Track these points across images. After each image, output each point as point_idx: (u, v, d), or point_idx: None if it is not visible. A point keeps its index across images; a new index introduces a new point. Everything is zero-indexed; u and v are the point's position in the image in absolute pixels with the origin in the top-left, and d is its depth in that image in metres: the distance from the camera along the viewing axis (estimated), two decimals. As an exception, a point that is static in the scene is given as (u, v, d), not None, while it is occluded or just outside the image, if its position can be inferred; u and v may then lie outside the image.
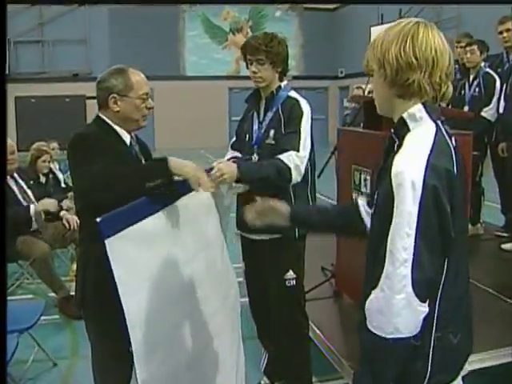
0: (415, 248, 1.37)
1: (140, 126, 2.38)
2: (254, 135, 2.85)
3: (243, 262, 3.13)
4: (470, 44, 5.23)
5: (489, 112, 5.05)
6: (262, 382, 3.23)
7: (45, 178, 5.80)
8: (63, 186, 6.49)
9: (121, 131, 2.36)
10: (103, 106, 2.34)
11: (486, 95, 5.10)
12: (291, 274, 2.86)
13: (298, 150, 2.64)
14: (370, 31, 15.98)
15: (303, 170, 2.67)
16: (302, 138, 2.68)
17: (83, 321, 2.43)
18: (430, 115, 1.50)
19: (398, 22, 1.52)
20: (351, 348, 2.90)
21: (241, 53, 2.81)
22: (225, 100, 20.03)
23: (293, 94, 2.83)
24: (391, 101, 1.53)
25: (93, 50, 18.29)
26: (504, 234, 5.01)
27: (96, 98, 2.37)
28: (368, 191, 3.17)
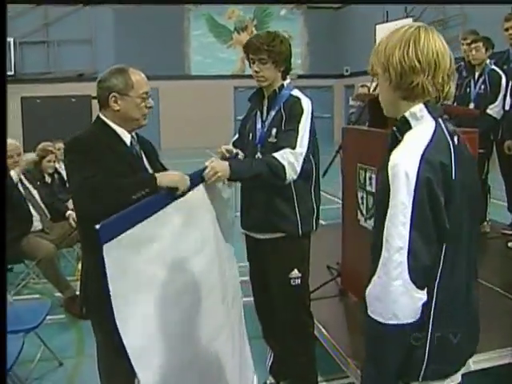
0: (410, 236, 1.43)
1: (140, 125, 2.40)
2: (258, 134, 2.84)
3: (248, 262, 3.12)
4: (475, 41, 5.20)
5: (494, 109, 5.03)
6: (268, 382, 3.22)
7: (50, 178, 5.81)
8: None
9: (121, 131, 2.37)
10: (104, 105, 2.37)
11: (492, 92, 5.08)
12: (296, 272, 2.84)
13: (294, 147, 2.61)
14: (376, 29, 16.01)
15: (299, 168, 2.62)
16: (299, 135, 2.66)
17: (89, 320, 2.43)
18: (431, 114, 1.55)
19: (399, 27, 1.58)
20: (357, 347, 2.89)
21: (243, 52, 2.80)
22: (230, 99, 20.02)
23: (295, 92, 2.81)
24: (396, 103, 1.59)
25: (98, 49, 18.32)
26: (510, 232, 4.99)
27: (97, 97, 2.40)
28: (373, 190, 3.16)
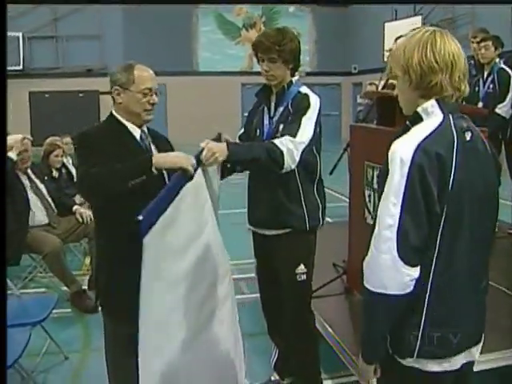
0: (400, 216, 1.55)
1: (144, 120, 2.47)
2: (265, 130, 2.81)
3: (255, 258, 3.12)
4: (484, 39, 5.18)
5: (503, 109, 5.01)
6: (272, 378, 3.22)
7: (58, 173, 5.84)
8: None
9: (131, 126, 2.46)
10: (112, 99, 2.48)
11: (501, 92, 5.06)
12: (302, 267, 2.84)
13: (294, 135, 2.57)
14: (384, 27, 15.95)
15: (297, 157, 2.56)
16: (301, 126, 2.61)
17: (95, 314, 2.45)
18: (442, 109, 1.65)
19: (416, 31, 1.70)
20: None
21: (252, 50, 2.77)
22: (238, 96, 20.00)
23: (304, 89, 2.78)
24: (415, 101, 1.69)
25: (106, 45, 18.34)
26: (517, 232, 4.97)
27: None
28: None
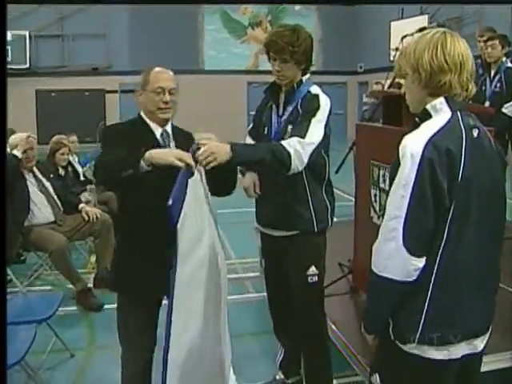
0: (408, 209, 1.60)
1: (161, 118, 2.55)
2: (273, 129, 2.78)
3: (263, 258, 3.08)
4: (491, 38, 5.15)
5: (510, 108, 4.99)
6: (277, 377, 3.22)
7: (64, 171, 5.86)
8: (82, 178, 6.56)
9: (153, 125, 2.57)
10: (138, 100, 2.61)
11: (508, 91, 5.03)
12: (313, 269, 2.80)
13: (303, 136, 2.52)
14: (390, 26, 15.91)
15: (306, 159, 2.50)
16: (310, 127, 2.56)
17: (100, 312, 2.47)
18: (451, 107, 1.70)
19: (426, 31, 1.76)
20: (366, 344, 2.88)
21: (264, 47, 2.72)
22: (243, 94, 19.99)
23: (314, 89, 2.72)
24: (424, 100, 1.74)
25: (112, 44, 18.35)
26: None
27: None
28: (387, 187, 3.14)
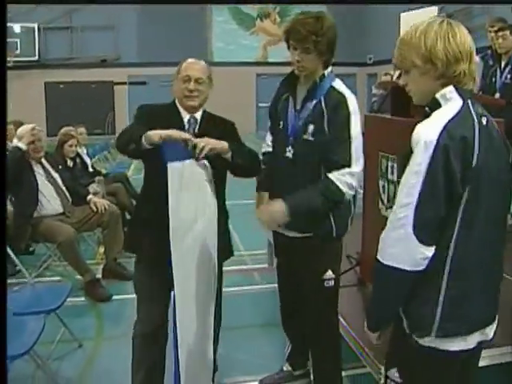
0: (419, 196, 1.58)
1: (187, 105, 2.67)
2: (289, 124, 2.62)
3: (275, 257, 2.99)
4: (502, 29, 5.09)
5: (521, 99, 4.93)
6: (285, 368, 3.22)
7: (72, 163, 5.88)
8: (90, 170, 6.58)
9: (182, 110, 2.71)
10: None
11: (519, 82, 4.98)
12: (330, 273, 2.69)
13: (349, 164, 2.42)
14: (400, 18, 15.79)
15: (358, 187, 2.50)
16: (353, 148, 2.44)
17: (108, 303, 2.48)
18: (461, 95, 1.68)
19: (429, 20, 1.71)
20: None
21: (284, 34, 2.54)
22: (252, 86, 19.97)
23: (337, 84, 2.57)
24: (435, 90, 1.70)
25: (121, 36, 18.36)
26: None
27: None
28: (395, 178, 3.13)
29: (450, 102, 1.67)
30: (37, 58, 17.79)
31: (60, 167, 5.19)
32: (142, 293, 2.75)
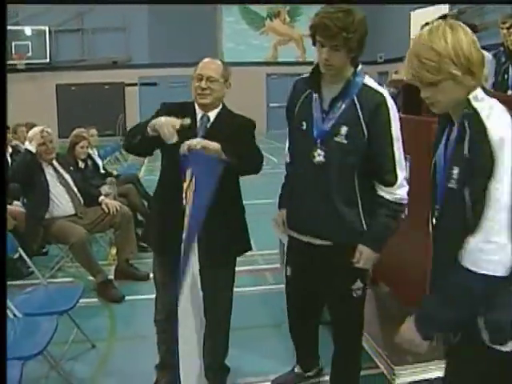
0: None
1: (199, 103, 2.75)
2: (315, 125, 2.41)
3: (288, 266, 2.78)
4: (514, 25, 5.05)
5: (534, 97, 4.89)
6: (296, 370, 3.19)
7: (83, 164, 5.91)
8: (102, 171, 6.61)
9: (197, 108, 2.79)
10: None
11: (531, 79, 4.94)
12: (359, 283, 2.55)
13: (396, 177, 2.35)
14: (410, 15, 15.70)
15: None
16: (396, 155, 2.34)
17: (121, 303, 2.50)
18: (488, 94, 1.68)
19: (448, 27, 1.63)
20: (387, 337, 2.86)
21: (310, 29, 2.32)
22: (262, 86, 19.97)
23: (370, 81, 2.40)
24: (463, 97, 1.65)
25: (132, 37, 18.44)
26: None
27: None
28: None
29: (483, 102, 1.65)
30: (48, 60, 17.92)
31: (71, 168, 5.22)
32: (156, 282, 2.95)
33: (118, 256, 5.00)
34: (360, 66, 2.40)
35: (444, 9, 13.71)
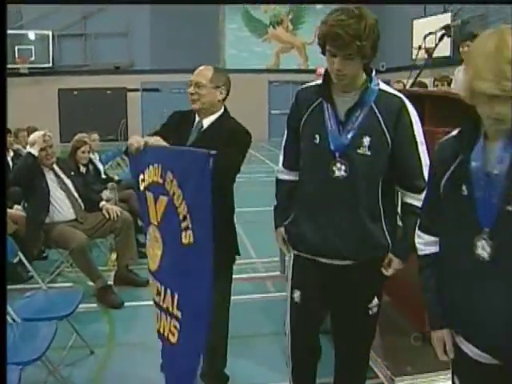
0: None
1: (192, 109, 2.84)
2: (331, 138, 2.21)
3: (296, 290, 2.47)
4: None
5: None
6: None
7: (85, 169, 5.91)
8: (103, 176, 6.61)
9: (197, 114, 2.88)
10: None
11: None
12: (376, 301, 2.39)
13: (424, 184, 2.06)
14: (413, 24, 15.75)
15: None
16: (423, 164, 2.19)
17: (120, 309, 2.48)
18: None
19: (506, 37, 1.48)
20: (387, 347, 2.85)
21: (318, 38, 2.15)
22: (264, 93, 20.01)
23: (384, 86, 2.24)
24: None
25: (134, 43, 18.50)
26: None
27: None
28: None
29: None
30: (51, 64, 17.97)
31: (73, 173, 5.22)
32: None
33: (117, 262, 4.99)
34: (374, 72, 2.22)
35: (446, 19, 13.75)
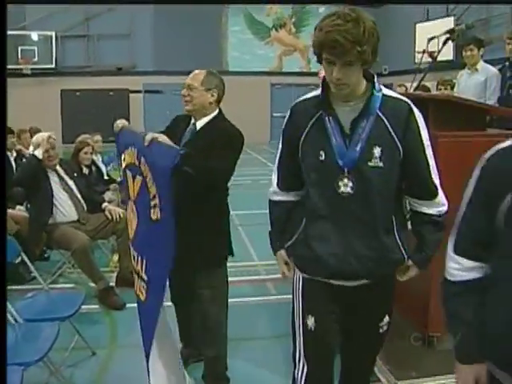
0: None
1: (186, 110, 2.95)
2: (338, 153, 2.04)
3: (310, 316, 2.23)
4: (521, 41, 5.06)
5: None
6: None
7: (87, 170, 5.92)
8: (106, 178, 6.62)
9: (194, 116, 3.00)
10: None
11: (537, 95, 4.94)
12: (387, 319, 2.27)
13: (436, 190, 2.07)
14: (416, 28, 15.76)
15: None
16: (431, 170, 2.10)
17: (122, 311, 2.49)
18: None
19: None
20: (390, 351, 2.84)
21: (315, 47, 1.98)
22: (267, 96, 20.02)
23: (387, 91, 2.09)
24: None
25: (137, 44, 18.51)
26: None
27: None
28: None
29: None
30: (54, 65, 17.99)
31: (75, 174, 5.23)
32: None
33: (119, 263, 4.99)
34: (376, 77, 2.08)
35: (450, 23, 13.76)
